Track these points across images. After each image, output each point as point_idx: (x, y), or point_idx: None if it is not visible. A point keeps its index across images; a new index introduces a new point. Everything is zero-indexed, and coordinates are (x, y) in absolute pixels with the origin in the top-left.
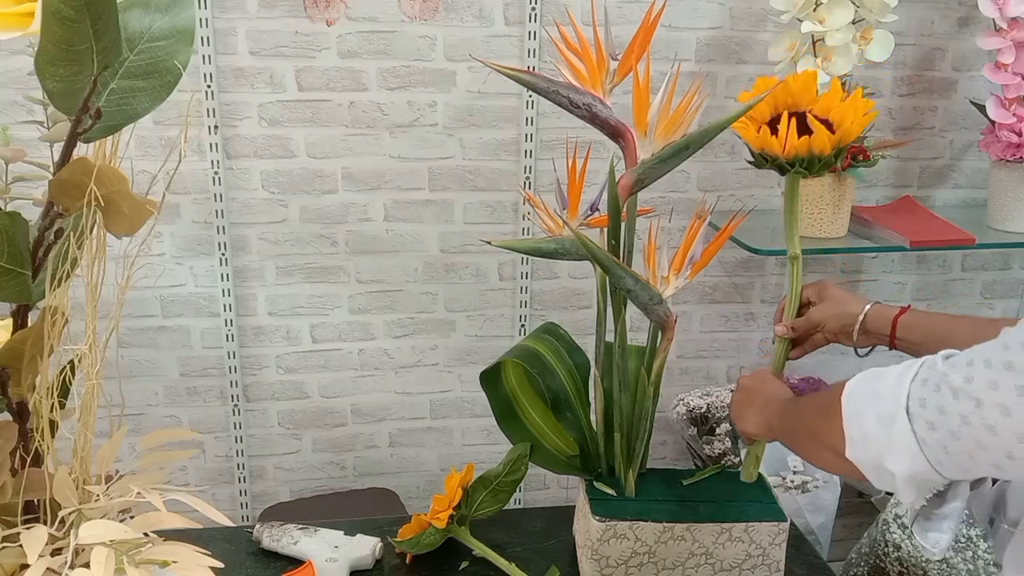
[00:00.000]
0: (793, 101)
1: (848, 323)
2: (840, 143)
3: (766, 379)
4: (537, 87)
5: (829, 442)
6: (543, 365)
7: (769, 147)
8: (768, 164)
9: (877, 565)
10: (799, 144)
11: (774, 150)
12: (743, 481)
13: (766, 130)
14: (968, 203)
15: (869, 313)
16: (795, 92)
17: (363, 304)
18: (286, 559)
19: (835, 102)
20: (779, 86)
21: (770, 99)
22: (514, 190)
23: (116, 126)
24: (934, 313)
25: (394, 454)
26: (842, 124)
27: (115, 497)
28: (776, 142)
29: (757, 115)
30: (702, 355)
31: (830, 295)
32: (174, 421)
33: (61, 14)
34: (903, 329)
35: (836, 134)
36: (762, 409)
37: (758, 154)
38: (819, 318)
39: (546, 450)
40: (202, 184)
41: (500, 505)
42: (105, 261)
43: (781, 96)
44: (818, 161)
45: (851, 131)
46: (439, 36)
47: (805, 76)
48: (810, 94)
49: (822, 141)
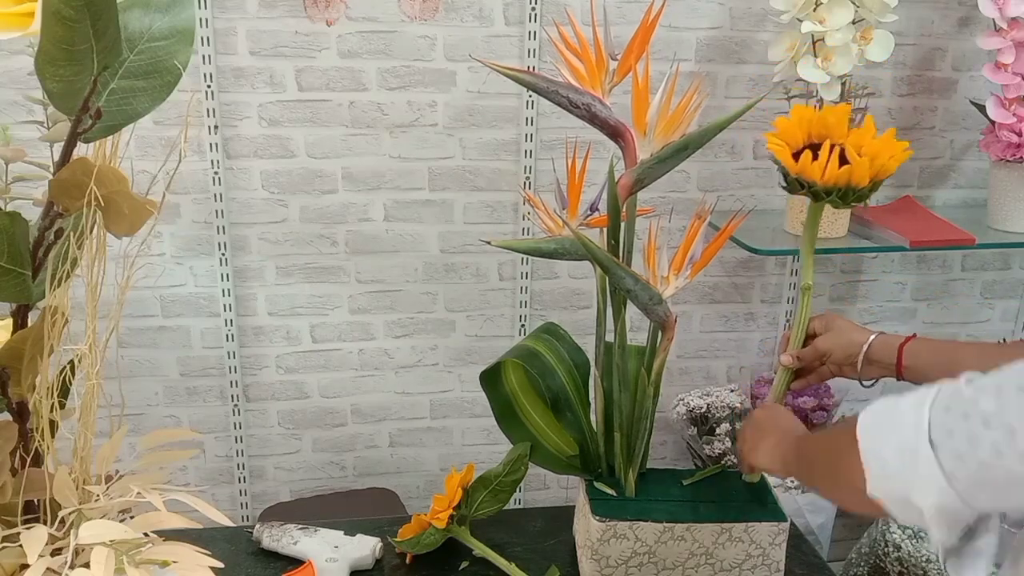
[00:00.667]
0: (827, 132)
1: (853, 352)
2: (877, 176)
3: (780, 413)
4: (537, 87)
5: (848, 479)
6: (543, 365)
7: (808, 173)
8: (803, 190)
9: (877, 565)
10: (839, 173)
11: (812, 176)
12: (744, 481)
13: (807, 155)
14: (968, 203)
15: (875, 342)
16: (830, 124)
17: (363, 304)
18: (286, 559)
19: (868, 137)
20: (814, 115)
21: (804, 127)
22: (514, 190)
23: (116, 126)
24: (940, 340)
25: (394, 454)
26: (878, 159)
27: (115, 497)
28: (816, 169)
29: (792, 141)
30: (702, 355)
31: (836, 326)
32: (174, 421)
33: (61, 14)
34: (909, 356)
35: (873, 167)
36: (777, 444)
37: (793, 179)
38: (825, 348)
39: (546, 450)
40: (202, 184)
41: (500, 505)
42: (105, 261)
43: (816, 126)
44: (853, 192)
45: (888, 166)
46: (439, 36)
47: (840, 110)
48: (843, 127)
49: (862, 172)
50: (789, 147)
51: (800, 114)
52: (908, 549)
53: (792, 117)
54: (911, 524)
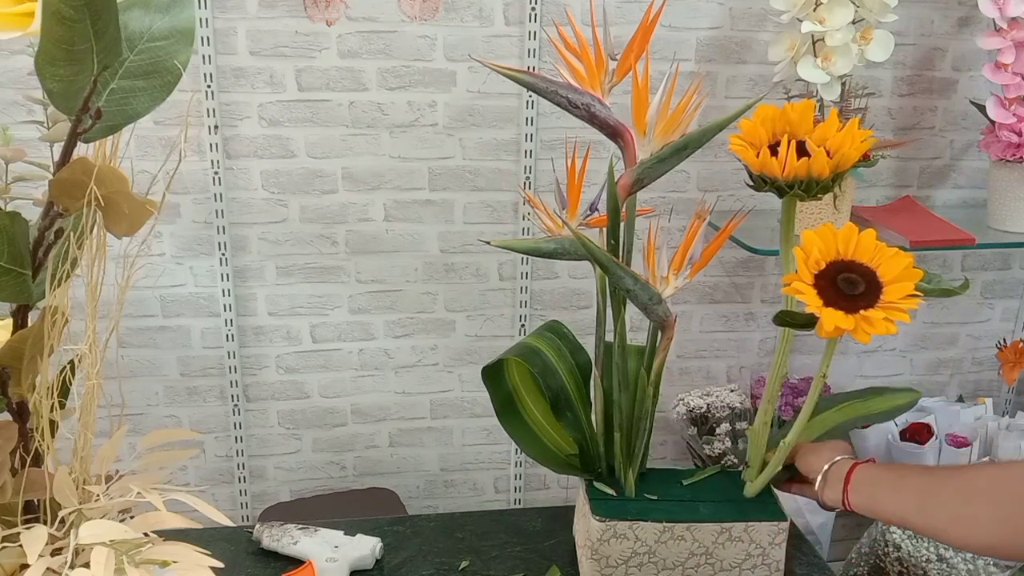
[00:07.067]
0: (791, 130)
1: (813, 479)
2: (838, 168)
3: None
4: (536, 87)
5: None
6: (544, 364)
7: (768, 169)
8: (767, 186)
9: (877, 565)
10: (798, 166)
11: (773, 172)
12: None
13: (766, 152)
14: (968, 203)
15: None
16: (793, 121)
17: (363, 304)
18: (286, 559)
19: (832, 131)
20: (777, 113)
21: (768, 126)
22: (514, 190)
23: (116, 126)
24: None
25: (394, 454)
26: (840, 150)
27: (115, 497)
28: (776, 164)
29: (755, 140)
30: (702, 355)
31: (800, 451)
32: (174, 421)
33: (61, 14)
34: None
35: (834, 159)
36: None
37: (757, 176)
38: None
39: (546, 447)
40: (202, 184)
41: None
42: (105, 261)
43: (780, 123)
44: (816, 184)
45: (849, 157)
46: (439, 36)
47: (803, 106)
48: (807, 123)
49: (821, 164)
50: (755, 147)
51: (763, 113)
52: (908, 549)
53: (755, 117)
54: None
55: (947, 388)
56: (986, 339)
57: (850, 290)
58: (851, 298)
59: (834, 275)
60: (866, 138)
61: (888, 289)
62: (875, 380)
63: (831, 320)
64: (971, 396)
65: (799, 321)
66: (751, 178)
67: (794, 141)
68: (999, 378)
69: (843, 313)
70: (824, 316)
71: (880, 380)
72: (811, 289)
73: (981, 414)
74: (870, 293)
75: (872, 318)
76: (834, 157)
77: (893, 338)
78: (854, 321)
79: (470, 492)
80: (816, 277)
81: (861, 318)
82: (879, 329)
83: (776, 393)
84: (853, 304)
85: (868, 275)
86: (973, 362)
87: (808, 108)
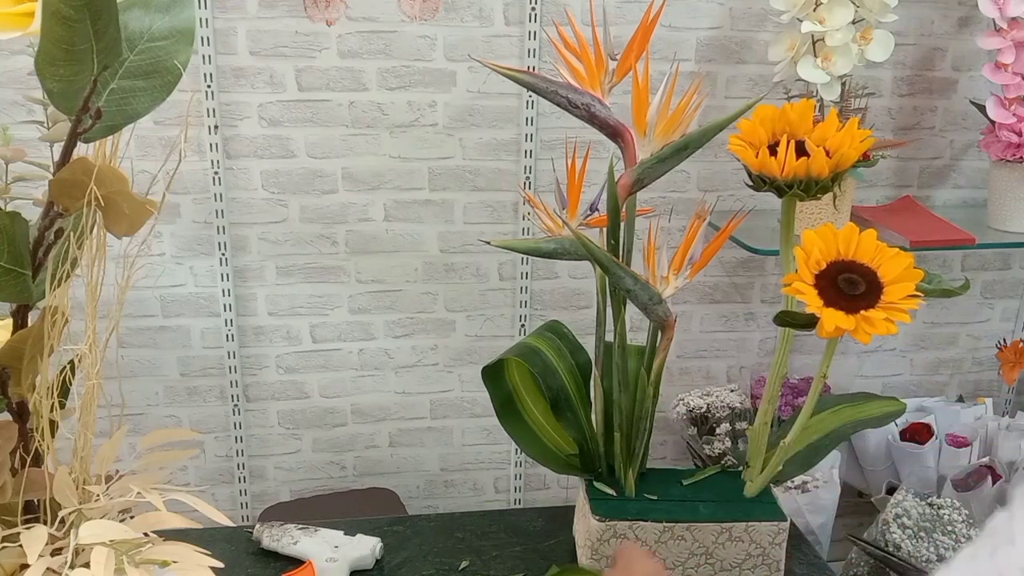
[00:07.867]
0: (791, 129)
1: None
2: (837, 168)
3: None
4: (536, 87)
5: None
6: (544, 364)
7: (768, 169)
8: (767, 186)
9: (877, 565)
10: (797, 166)
11: (772, 172)
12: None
13: (765, 152)
14: (968, 203)
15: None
16: (792, 121)
17: (363, 304)
18: (286, 559)
19: (831, 131)
20: (777, 113)
21: (768, 126)
22: (514, 190)
23: (116, 126)
24: None
25: (394, 454)
26: (839, 150)
27: (115, 497)
28: (775, 164)
29: (755, 140)
30: (702, 355)
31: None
32: (174, 421)
33: (61, 14)
34: None
35: (833, 158)
36: None
37: (756, 176)
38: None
39: (546, 447)
40: (202, 184)
41: None
42: (105, 261)
43: (779, 123)
44: (815, 184)
45: (848, 156)
46: (439, 36)
47: (803, 106)
48: (807, 123)
49: (820, 163)
50: (754, 147)
51: (763, 113)
52: (908, 549)
53: (755, 117)
54: None
55: (947, 388)
56: (986, 339)
57: (851, 290)
58: (852, 298)
59: (835, 275)
60: (865, 138)
61: (889, 289)
62: (875, 380)
63: (832, 320)
64: (971, 396)
65: (799, 321)
66: (750, 178)
67: (793, 141)
68: (999, 378)
69: (844, 313)
70: (824, 316)
71: (880, 380)
72: (812, 289)
73: (981, 414)
74: (871, 293)
75: (873, 318)
76: (833, 157)
77: (893, 338)
78: (855, 321)
79: (470, 492)
80: (817, 277)
81: (862, 318)
82: (880, 329)
83: (776, 393)
84: (854, 304)
85: (869, 275)
86: (973, 362)
87: (808, 108)
